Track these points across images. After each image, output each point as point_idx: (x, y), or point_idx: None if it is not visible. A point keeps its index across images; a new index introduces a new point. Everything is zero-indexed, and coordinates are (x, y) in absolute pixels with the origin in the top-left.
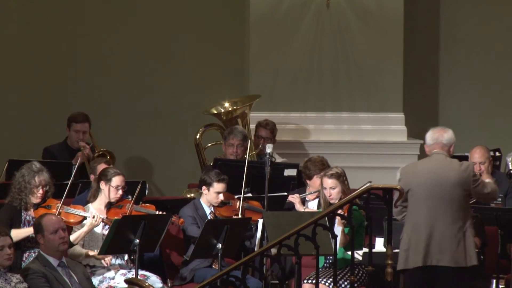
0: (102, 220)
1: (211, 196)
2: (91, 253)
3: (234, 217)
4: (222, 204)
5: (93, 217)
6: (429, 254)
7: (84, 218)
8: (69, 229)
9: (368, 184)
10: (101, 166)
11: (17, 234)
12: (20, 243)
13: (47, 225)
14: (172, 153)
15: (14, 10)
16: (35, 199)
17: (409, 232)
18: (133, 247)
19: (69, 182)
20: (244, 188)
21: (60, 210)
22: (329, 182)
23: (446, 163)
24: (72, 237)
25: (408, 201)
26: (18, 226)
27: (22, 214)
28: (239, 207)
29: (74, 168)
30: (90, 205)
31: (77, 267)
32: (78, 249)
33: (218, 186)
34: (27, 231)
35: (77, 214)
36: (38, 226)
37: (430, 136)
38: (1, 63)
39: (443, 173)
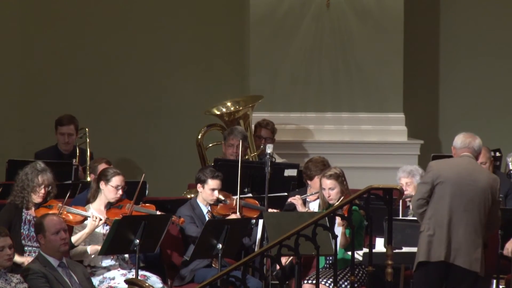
0: (105, 222)
1: (206, 194)
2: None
3: (232, 215)
4: (218, 202)
5: (94, 218)
6: (450, 250)
7: (85, 218)
8: (70, 230)
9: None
10: (101, 166)
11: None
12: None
13: (49, 226)
14: (173, 153)
15: (14, 11)
16: (37, 198)
17: (433, 223)
18: (133, 248)
19: (70, 183)
20: (244, 188)
21: (62, 211)
22: (328, 182)
23: (477, 166)
24: (74, 238)
25: (435, 193)
26: (18, 225)
27: (23, 213)
28: (236, 204)
29: (74, 168)
30: (90, 205)
31: (77, 268)
32: (80, 248)
33: (212, 183)
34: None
35: (78, 214)
36: (39, 226)
37: (461, 140)
38: (1, 63)
39: (476, 173)
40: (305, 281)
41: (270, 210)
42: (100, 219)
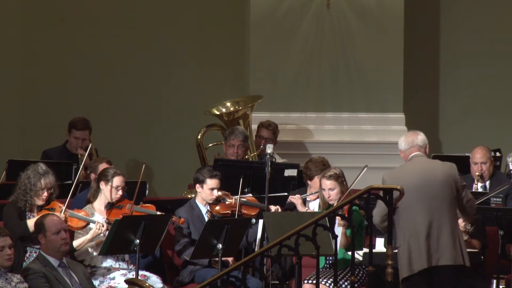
0: (107, 228)
1: (205, 194)
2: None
3: (231, 213)
4: (217, 201)
5: (98, 227)
6: (431, 254)
7: (88, 223)
8: (71, 232)
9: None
10: (102, 166)
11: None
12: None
13: (50, 226)
14: (173, 153)
15: (14, 11)
16: (39, 201)
17: (407, 237)
18: (133, 248)
19: (71, 183)
20: (244, 188)
21: (64, 214)
22: (327, 183)
23: (430, 162)
24: (75, 243)
25: (398, 206)
26: None
27: (27, 215)
28: (235, 203)
29: (75, 167)
30: (91, 206)
31: (77, 268)
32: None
33: (211, 182)
34: None
35: (80, 219)
36: (40, 226)
37: (404, 141)
38: (1, 64)
39: (431, 172)
40: (305, 281)
41: (271, 206)
42: (103, 225)
